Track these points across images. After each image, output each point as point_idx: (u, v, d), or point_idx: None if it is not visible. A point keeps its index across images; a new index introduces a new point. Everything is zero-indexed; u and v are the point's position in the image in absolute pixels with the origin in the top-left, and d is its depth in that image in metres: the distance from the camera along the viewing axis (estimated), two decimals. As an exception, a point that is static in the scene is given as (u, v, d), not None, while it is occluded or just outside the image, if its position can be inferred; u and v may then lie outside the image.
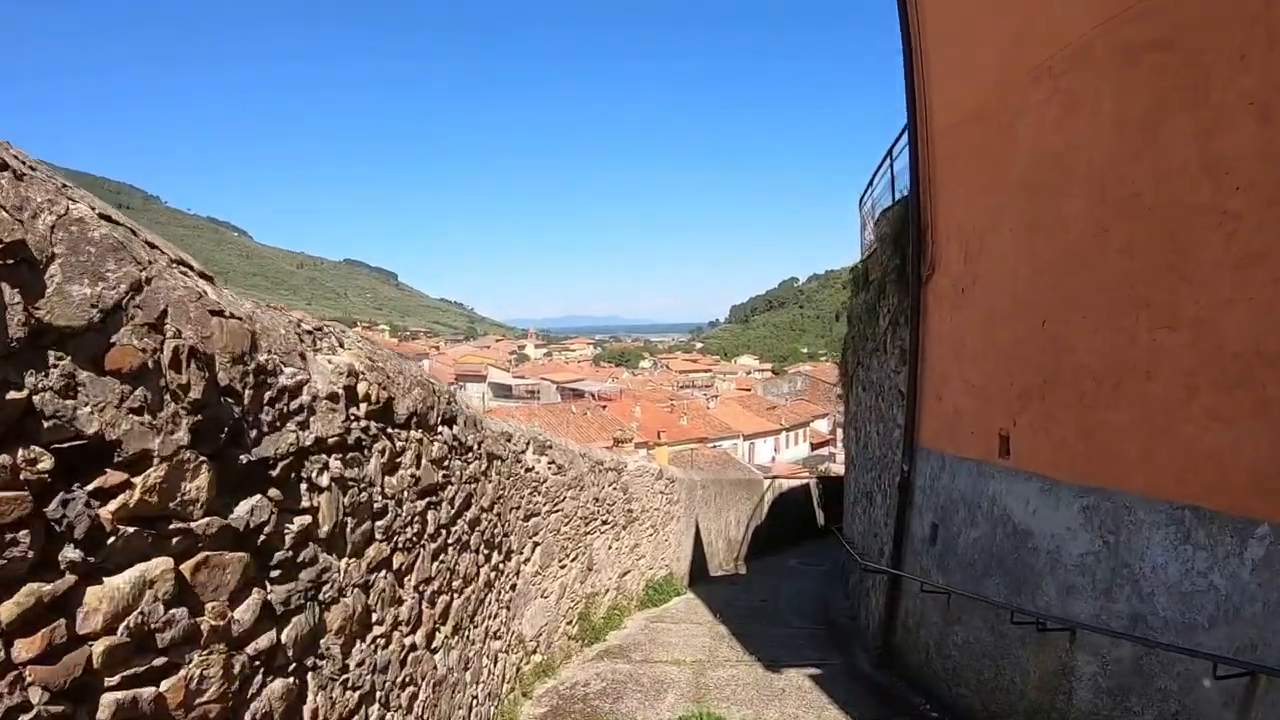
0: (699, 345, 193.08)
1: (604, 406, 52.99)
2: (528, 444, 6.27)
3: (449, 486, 4.05)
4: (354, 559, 2.83)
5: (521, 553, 6.18)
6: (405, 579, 3.36)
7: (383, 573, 3.08)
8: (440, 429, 3.92)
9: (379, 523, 3.06)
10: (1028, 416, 4.98)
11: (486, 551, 4.96)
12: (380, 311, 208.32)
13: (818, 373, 79.85)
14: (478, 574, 4.70)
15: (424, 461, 3.62)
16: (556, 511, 6.96)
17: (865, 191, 11.71)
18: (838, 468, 51.08)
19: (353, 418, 2.85)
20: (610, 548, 8.67)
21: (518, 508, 6.03)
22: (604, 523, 8.37)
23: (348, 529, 2.76)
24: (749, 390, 75.29)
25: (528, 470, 6.24)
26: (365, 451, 2.95)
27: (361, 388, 2.95)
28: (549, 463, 6.72)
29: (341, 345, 3.01)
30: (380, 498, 3.05)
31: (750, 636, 7.90)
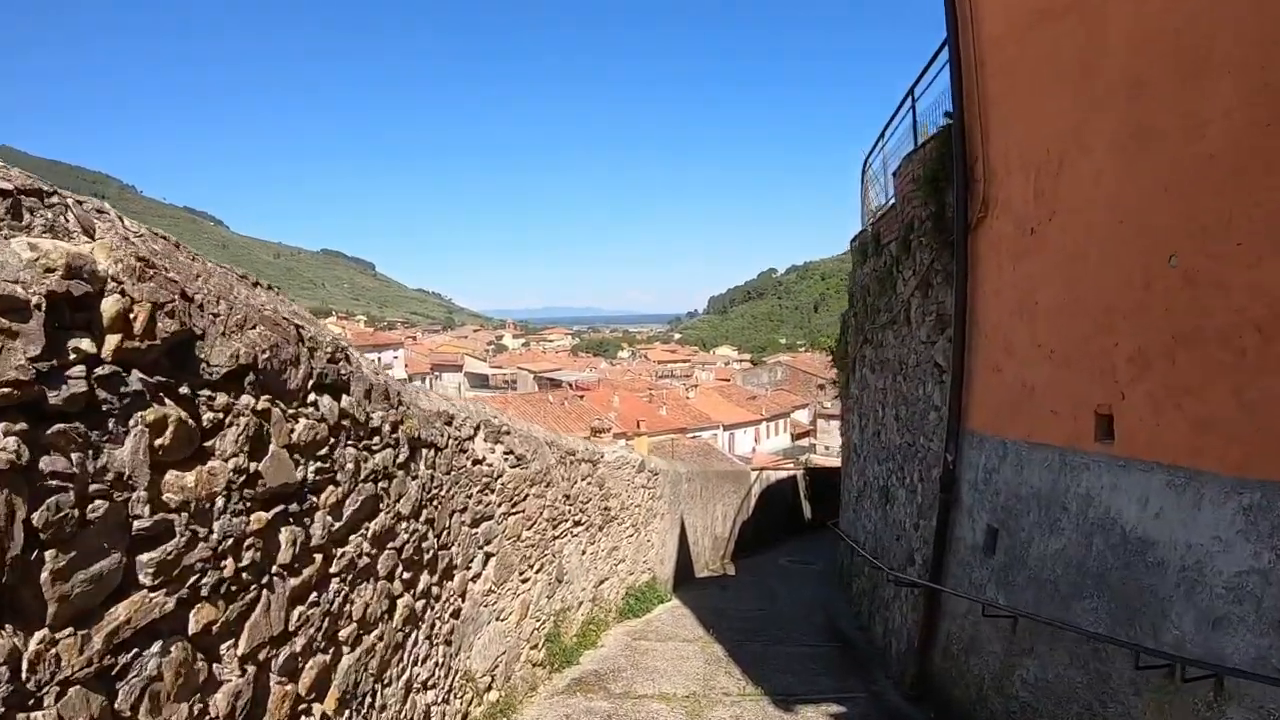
0: (677, 336, 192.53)
1: (581, 396, 52.04)
2: (476, 429, 4.88)
3: (331, 487, 2.65)
4: (72, 631, 1.45)
5: (468, 567, 4.80)
6: (223, 647, 1.97)
7: (155, 646, 1.69)
8: (314, 397, 2.53)
9: (147, 555, 1.66)
10: (1145, 387, 3.69)
11: (409, 575, 3.58)
12: (358, 302, 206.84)
13: (797, 363, 79.11)
14: (391, 609, 3.31)
15: (272, 447, 2.22)
16: (516, 513, 5.58)
17: (872, 150, 10.41)
18: (819, 459, 50.41)
19: (72, 356, 1.46)
20: (584, 553, 7.31)
21: (462, 511, 4.65)
22: (576, 524, 7.01)
23: (56, 571, 1.37)
24: (728, 380, 74.39)
25: (476, 463, 4.86)
26: (109, 425, 1.55)
27: (110, 305, 1.55)
28: (506, 453, 5.34)
29: (86, 233, 1.61)
30: (146, 510, 1.65)
31: (752, 658, 6.60)
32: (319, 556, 2.55)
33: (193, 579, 1.82)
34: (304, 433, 2.45)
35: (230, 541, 1.98)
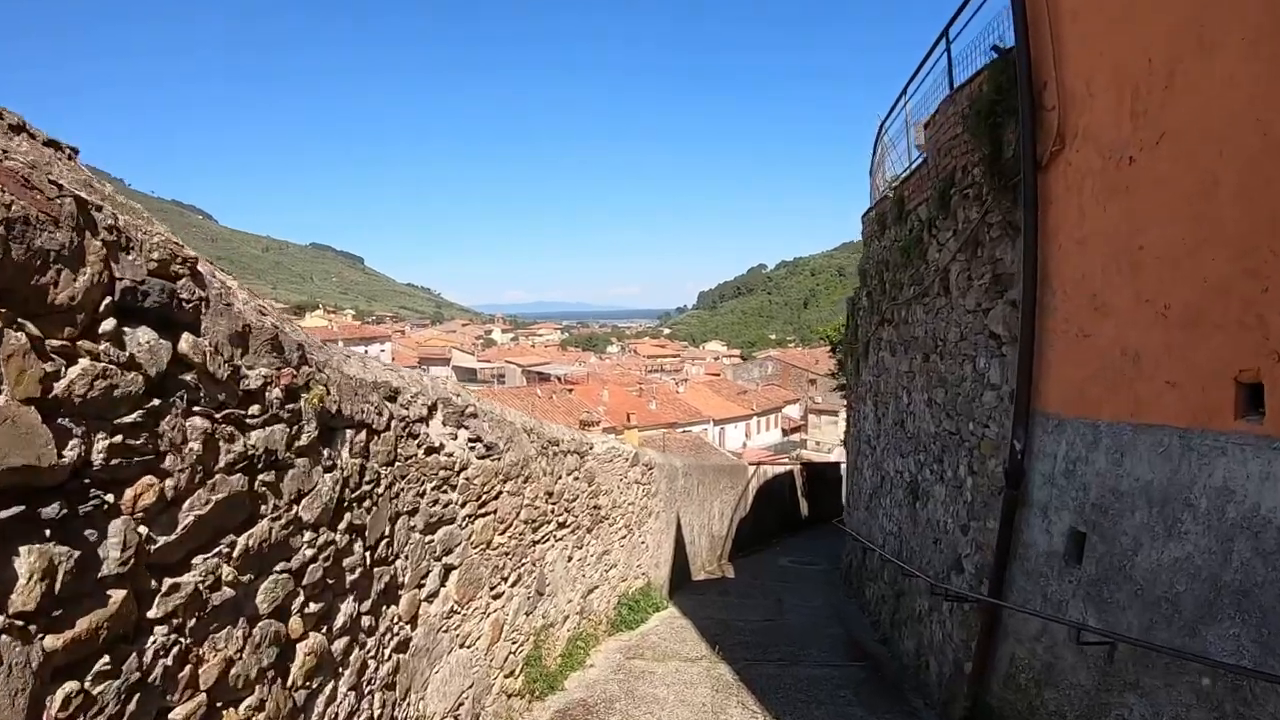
0: (666, 331, 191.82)
1: (570, 390, 51.30)
2: (432, 408, 3.86)
3: (149, 479, 1.63)
4: None
5: (420, 585, 3.78)
6: None
7: None
8: (116, 327, 1.50)
9: None
10: (1326, 344, 2.72)
11: (318, 606, 2.55)
12: (347, 296, 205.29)
13: (788, 358, 78.44)
14: (283, 660, 2.28)
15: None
16: (486, 514, 4.56)
17: (889, 114, 9.44)
18: (810, 454, 49.61)
19: None
20: (571, 559, 6.30)
21: (411, 513, 3.62)
22: (561, 526, 6.00)
23: None
24: (718, 375, 73.65)
25: (432, 451, 3.84)
26: None
27: None
28: (472, 440, 4.31)
29: None
30: None
31: (767, 683, 5.62)
32: (116, 594, 1.52)
33: None
34: (83, 382, 1.42)
35: None
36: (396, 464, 3.45)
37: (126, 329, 1.58)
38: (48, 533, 1.36)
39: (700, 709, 5.08)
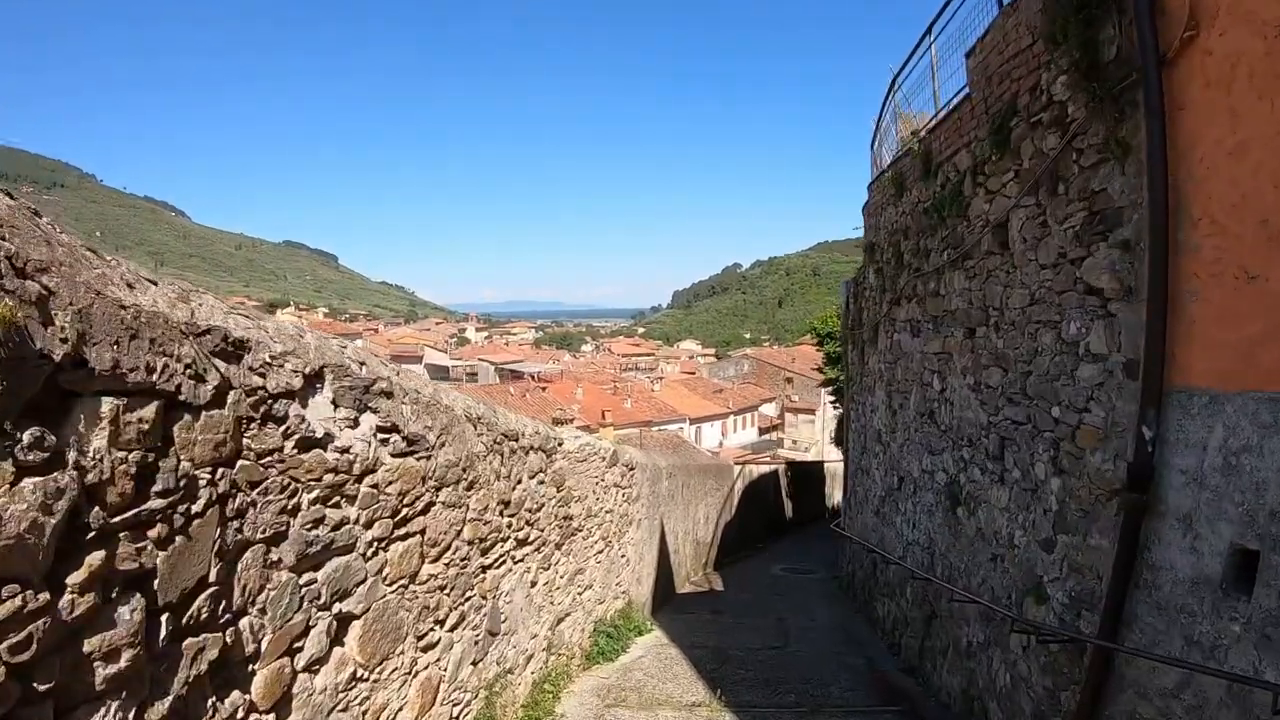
0: (641, 330, 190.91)
1: (544, 388, 50.25)
2: (311, 379, 2.56)
3: None
4: None
5: (295, 650, 2.48)
6: None
7: None
8: None
9: None
10: None
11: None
12: (320, 294, 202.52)
13: (764, 356, 77.70)
14: None
15: None
16: (408, 536, 3.26)
17: (904, 66, 8.29)
18: (788, 453, 48.72)
19: None
20: (535, 585, 5.01)
21: (273, 541, 2.33)
22: (522, 543, 4.71)
23: None
24: (694, 373, 72.74)
25: (311, 445, 2.55)
26: None
27: None
28: (383, 430, 3.01)
29: None
30: None
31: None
32: None
33: None
34: None
35: None
36: (242, 464, 2.15)
37: None
38: None
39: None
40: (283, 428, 2.45)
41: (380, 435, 3.02)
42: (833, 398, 23.24)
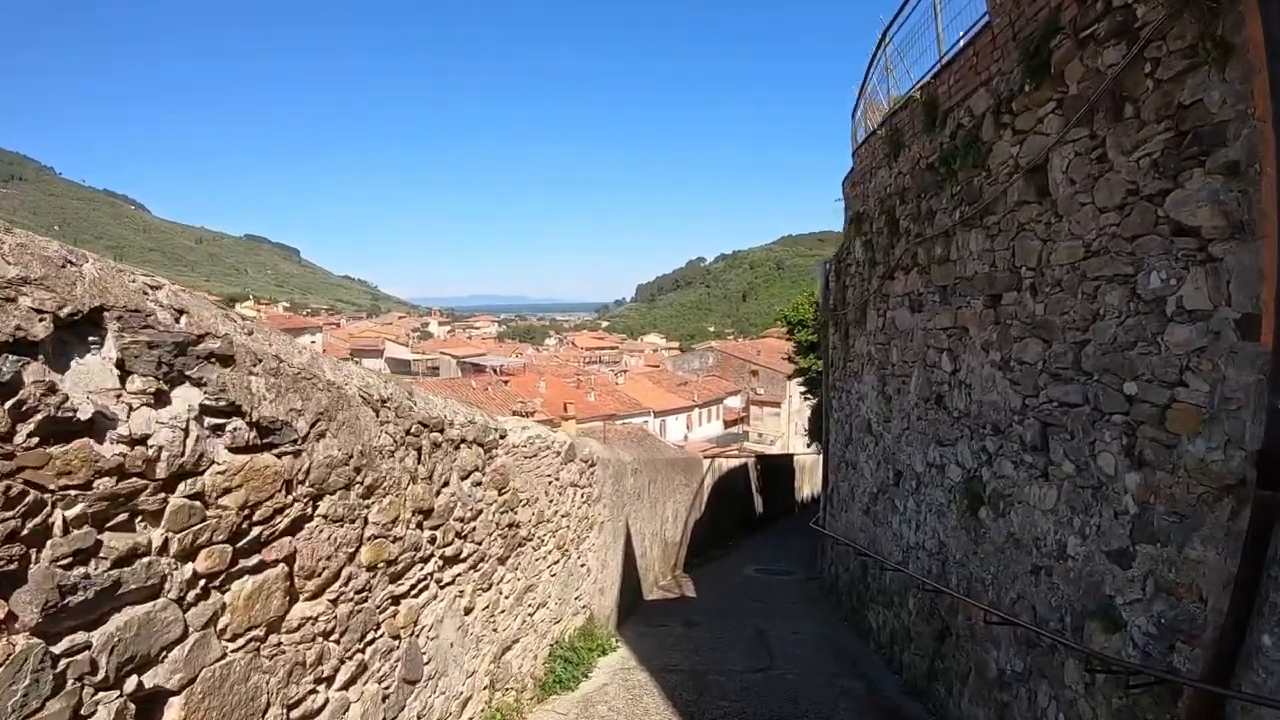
0: (605, 324, 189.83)
1: (506, 381, 49.14)
2: (80, 326, 1.52)
3: None
4: None
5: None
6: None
7: None
8: None
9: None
10: None
11: None
12: (282, 289, 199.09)
13: (729, 348, 77.30)
14: None
15: None
16: (259, 569, 2.24)
17: (896, 17, 7.40)
18: (754, 446, 48.26)
19: None
20: (471, 612, 4.01)
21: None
22: (451, 561, 3.71)
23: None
24: (658, 366, 72.07)
25: (73, 435, 1.51)
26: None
27: None
28: (210, 414, 1.98)
29: None
30: None
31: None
32: None
33: None
34: None
35: None
36: None
37: None
38: None
39: None
40: (9, 403, 1.44)
41: (210, 421, 2.01)
42: (804, 388, 22.54)
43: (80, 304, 1.65)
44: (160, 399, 1.86)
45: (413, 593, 3.31)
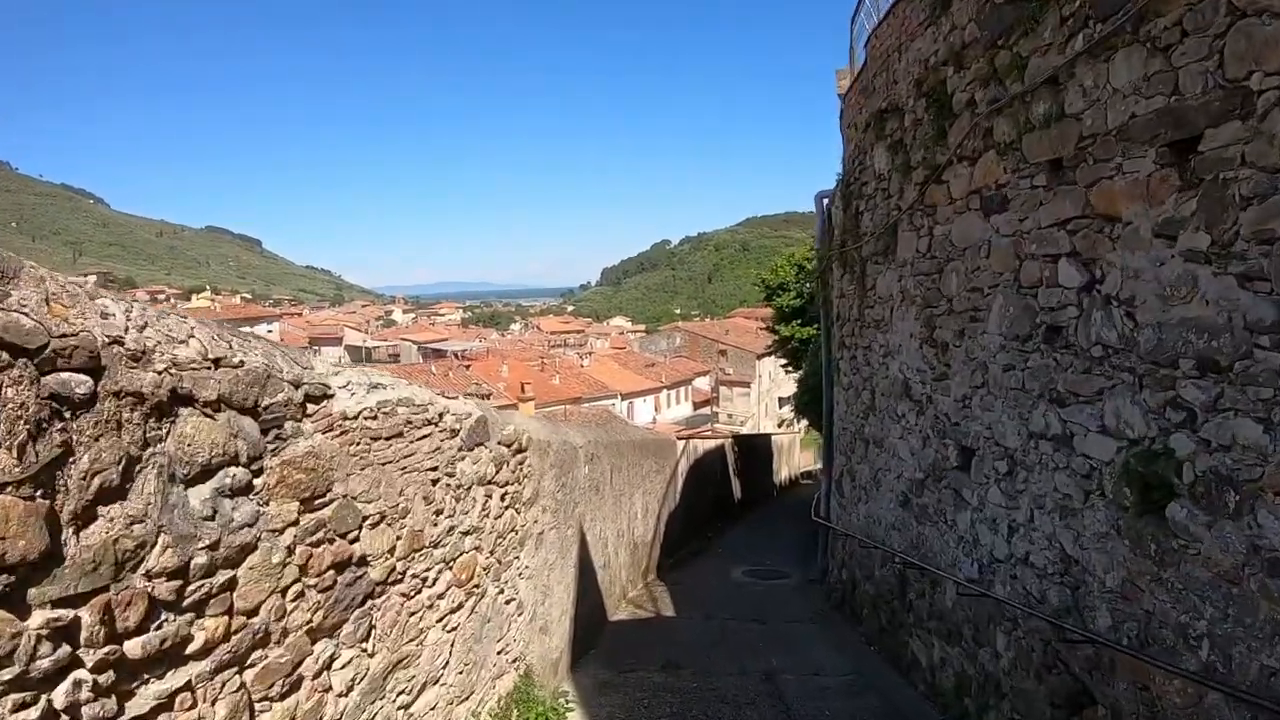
0: (570, 308, 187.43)
1: (468, 366, 47.06)
2: None
3: None
4: None
5: None
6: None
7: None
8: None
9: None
10: None
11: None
12: (244, 280, 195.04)
13: (696, 328, 75.68)
14: None
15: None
16: None
17: None
18: (723, 427, 46.58)
19: None
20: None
21: None
22: (153, 663, 1.56)
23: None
24: (624, 348, 70.23)
25: None
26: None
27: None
28: None
29: None
30: None
31: None
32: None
33: None
34: None
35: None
36: None
37: None
38: None
39: None
40: None
41: None
42: (784, 361, 20.61)
43: None
44: None
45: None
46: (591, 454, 6.14)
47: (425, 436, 3.08)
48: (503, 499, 3.94)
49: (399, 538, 2.89)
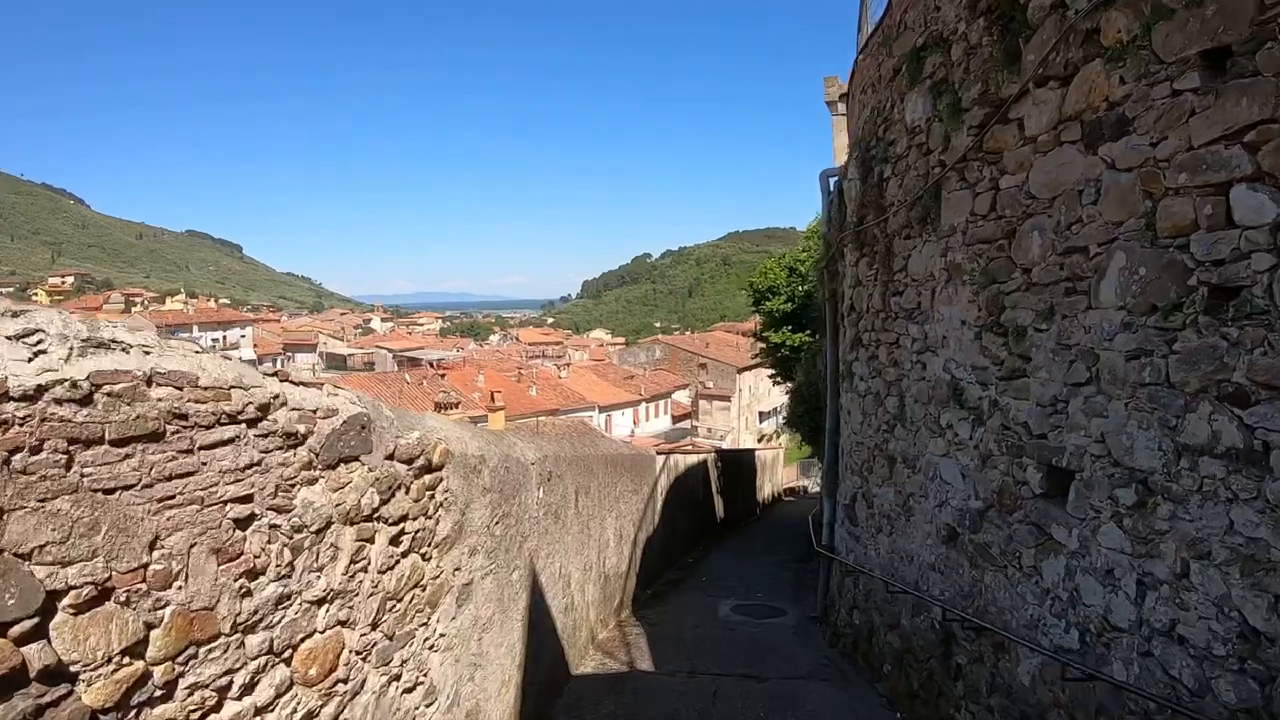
0: (550, 320, 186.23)
1: (443, 375, 45.64)
2: None
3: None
4: None
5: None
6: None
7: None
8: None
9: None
10: None
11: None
12: (223, 285, 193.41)
13: (676, 341, 74.77)
14: None
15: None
16: None
17: None
18: (705, 442, 45.39)
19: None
20: None
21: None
22: None
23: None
24: (603, 360, 69.10)
25: None
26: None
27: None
28: None
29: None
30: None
31: None
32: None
33: None
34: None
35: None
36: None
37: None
38: None
39: None
40: None
41: None
42: (772, 371, 19.38)
43: None
44: None
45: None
46: (549, 472, 4.80)
47: (225, 443, 1.76)
48: (395, 542, 2.61)
49: (151, 625, 1.57)
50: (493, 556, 3.62)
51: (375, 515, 2.46)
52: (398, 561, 2.64)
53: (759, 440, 54.40)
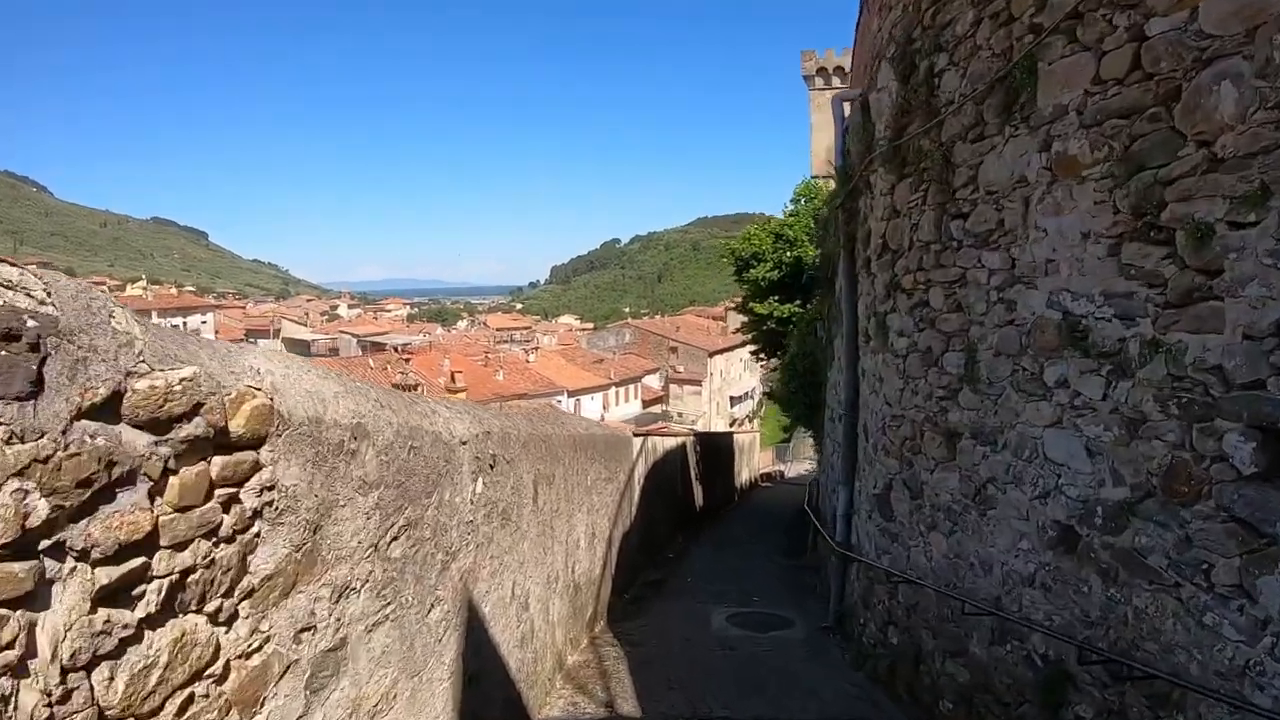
0: (519, 306, 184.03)
1: (408, 359, 44.14)
2: None
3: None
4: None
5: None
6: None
7: None
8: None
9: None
10: None
11: None
12: (189, 273, 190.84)
13: (647, 325, 73.67)
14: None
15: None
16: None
17: None
18: (679, 426, 44.27)
19: None
20: None
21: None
22: None
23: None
24: (572, 344, 67.82)
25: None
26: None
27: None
28: None
29: None
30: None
31: None
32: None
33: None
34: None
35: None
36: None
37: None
38: None
39: None
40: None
41: None
42: (754, 348, 18.11)
43: None
44: None
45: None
46: (492, 456, 3.39)
47: None
48: (118, 598, 1.22)
49: None
50: (389, 594, 2.23)
51: (57, 543, 1.07)
52: (133, 635, 1.25)
53: (731, 424, 53.50)
